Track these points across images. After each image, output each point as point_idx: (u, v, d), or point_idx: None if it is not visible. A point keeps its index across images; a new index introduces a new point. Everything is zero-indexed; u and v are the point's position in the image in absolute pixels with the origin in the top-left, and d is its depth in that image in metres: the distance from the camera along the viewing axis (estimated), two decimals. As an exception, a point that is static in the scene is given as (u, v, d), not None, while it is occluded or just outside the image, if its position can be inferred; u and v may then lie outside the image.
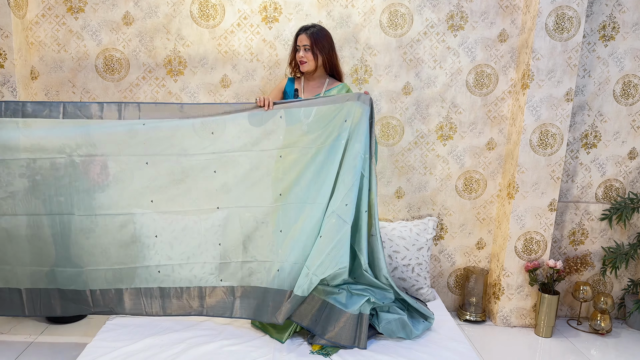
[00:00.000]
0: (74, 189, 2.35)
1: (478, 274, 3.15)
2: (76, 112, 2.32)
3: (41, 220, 2.37)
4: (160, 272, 2.46)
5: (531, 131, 2.95)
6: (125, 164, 2.37)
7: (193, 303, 2.47)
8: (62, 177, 2.34)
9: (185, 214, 2.43)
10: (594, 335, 3.11)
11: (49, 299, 2.44)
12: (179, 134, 2.38)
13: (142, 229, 2.42)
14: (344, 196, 2.37)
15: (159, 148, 2.37)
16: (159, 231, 2.43)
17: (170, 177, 2.40)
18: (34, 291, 2.43)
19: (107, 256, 2.42)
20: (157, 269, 2.45)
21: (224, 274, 2.48)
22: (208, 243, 2.46)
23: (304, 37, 2.55)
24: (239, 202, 2.44)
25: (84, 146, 2.33)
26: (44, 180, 2.34)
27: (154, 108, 2.39)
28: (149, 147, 2.36)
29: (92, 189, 2.37)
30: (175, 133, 2.37)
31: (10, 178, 2.32)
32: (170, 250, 2.45)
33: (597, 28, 3.03)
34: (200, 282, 2.48)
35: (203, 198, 2.43)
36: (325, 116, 2.41)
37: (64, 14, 2.86)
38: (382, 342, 2.41)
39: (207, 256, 2.47)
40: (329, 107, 2.41)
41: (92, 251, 2.40)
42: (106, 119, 2.33)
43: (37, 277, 2.42)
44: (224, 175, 2.42)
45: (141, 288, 2.46)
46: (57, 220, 2.37)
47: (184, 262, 2.46)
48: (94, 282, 2.43)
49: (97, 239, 2.40)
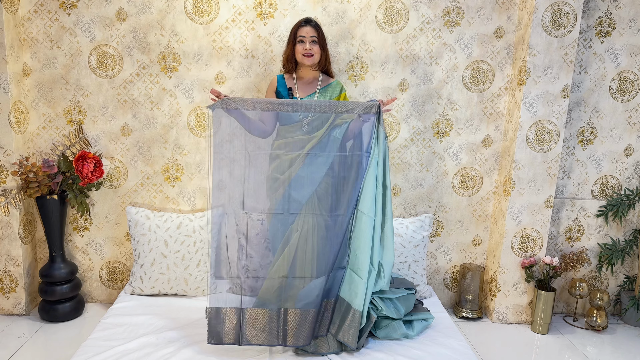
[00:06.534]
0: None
1: (474, 271, 3.15)
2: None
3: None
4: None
5: (527, 127, 2.94)
6: None
7: None
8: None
9: None
10: (590, 331, 3.12)
11: None
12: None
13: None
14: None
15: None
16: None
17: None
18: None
19: None
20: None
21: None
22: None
23: (310, 29, 2.51)
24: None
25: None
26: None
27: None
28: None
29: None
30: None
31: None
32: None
33: (593, 24, 3.02)
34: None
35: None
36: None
37: (57, 10, 2.82)
38: (379, 340, 2.40)
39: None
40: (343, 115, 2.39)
41: None
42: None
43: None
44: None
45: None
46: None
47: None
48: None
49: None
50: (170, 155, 3.02)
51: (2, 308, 2.97)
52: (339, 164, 2.40)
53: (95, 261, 3.12)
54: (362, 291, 2.28)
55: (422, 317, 2.53)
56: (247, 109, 2.32)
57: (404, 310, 2.48)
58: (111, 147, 2.99)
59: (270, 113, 2.49)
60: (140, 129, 2.98)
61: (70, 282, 2.93)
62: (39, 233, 3.05)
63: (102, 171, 2.84)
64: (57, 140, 2.96)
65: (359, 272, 2.31)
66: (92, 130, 2.97)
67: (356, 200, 2.35)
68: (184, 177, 3.04)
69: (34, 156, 2.96)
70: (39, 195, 2.78)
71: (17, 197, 2.79)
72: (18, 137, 2.84)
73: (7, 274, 2.92)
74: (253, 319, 2.25)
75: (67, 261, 2.98)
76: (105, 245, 3.10)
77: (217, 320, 2.23)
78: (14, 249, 2.89)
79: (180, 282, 2.81)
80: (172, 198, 3.06)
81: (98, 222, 3.07)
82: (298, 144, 2.39)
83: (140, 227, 2.84)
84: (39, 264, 3.09)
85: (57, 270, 2.88)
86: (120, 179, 3.03)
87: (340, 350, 2.26)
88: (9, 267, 2.91)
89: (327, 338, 2.27)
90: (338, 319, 2.29)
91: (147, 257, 2.81)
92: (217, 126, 2.31)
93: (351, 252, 2.35)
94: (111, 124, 2.97)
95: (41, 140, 2.96)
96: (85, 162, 2.76)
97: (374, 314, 2.36)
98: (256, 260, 2.53)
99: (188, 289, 2.82)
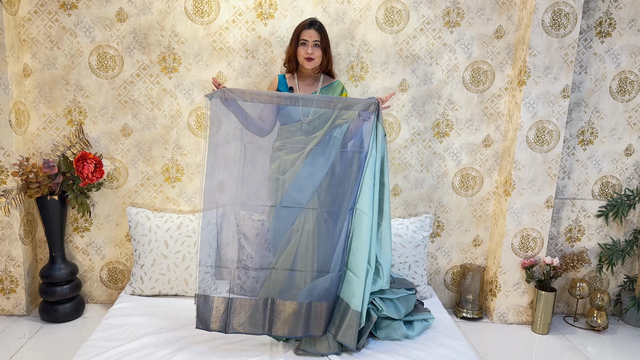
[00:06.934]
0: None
1: (475, 271, 3.15)
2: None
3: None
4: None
5: (528, 128, 2.94)
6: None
7: None
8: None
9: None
10: (591, 331, 3.12)
11: None
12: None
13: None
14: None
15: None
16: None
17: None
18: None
19: None
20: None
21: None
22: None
23: (314, 32, 2.50)
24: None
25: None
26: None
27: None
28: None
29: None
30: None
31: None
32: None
33: (593, 24, 3.02)
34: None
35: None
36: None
37: (57, 11, 2.83)
38: (379, 340, 2.40)
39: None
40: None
41: None
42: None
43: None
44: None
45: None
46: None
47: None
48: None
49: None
50: (170, 155, 3.02)
51: (3, 309, 2.97)
52: (340, 163, 2.40)
53: (95, 262, 3.12)
54: (360, 291, 2.28)
55: (422, 317, 2.53)
56: (245, 100, 2.30)
57: (405, 310, 2.48)
58: (111, 148, 2.99)
59: (270, 111, 2.48)
60: (140, 129, 2.98)
61: (70, 282, 2.93)
62: (40, 234, 3.05)
63: (103, 172, 2.84)
64: (57, 140, 2.96)
65: (356, 271, 2.30)
66: (92, 131, 2.97)
67: (355, 198, 2.35)
68: (184, 177, 3.04)
69: (34, 157, 2.96)
70: (39, 196, 2.78)
71: (17, 197, 2.79)
72: (18, 138, 2.84)
73: (7, 275, 2.92)
74: (240, 308, 2.26)
75: (68, 262, 2.98)
76: (105, 246, 3.10)
77: (204, 307, 2.25)
78: (15, 249, 2.89)
79: (181, 282, 2.81)
80: (172, 198, 3.06)
81: (98, 222, 3.07)
82: (299, 144, 2.39)
83: (140, 227, 2.84)
84: (40, 264, 3.09)
85: (57, 271, 2.88)
86: (121, 180, 3.03)
87: (340, 350, 2.26)
88: (9, 267, 2.91)
89: (327, 338, 2.27)
90: (337, 319, 2.29)
91: (147, 257, 2.81)
92: (217, 126, 2.31)
93: (350, 251, 2.35)
94: (111, 124, 2.97)
95: (41, 140, 2.96)
96: (85, 162, 2.76)
97: (374, 315, 2.36)
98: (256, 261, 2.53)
99: (188, 289, 2.82)
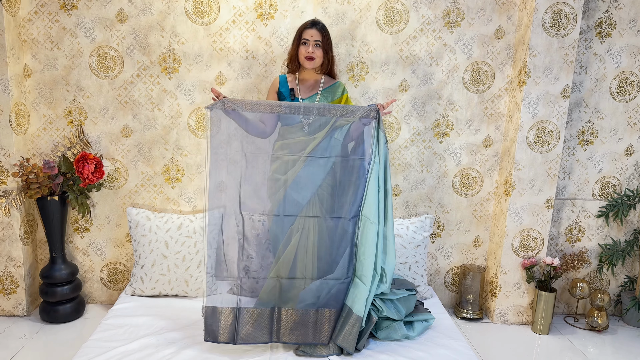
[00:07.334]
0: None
1: (475, 272, 3.15)
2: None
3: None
4: None
5: (528, 128, 2.94)
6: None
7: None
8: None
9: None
10: (591, 332, 3.12)
11: None
12: None
13: None
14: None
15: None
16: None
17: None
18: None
19: None
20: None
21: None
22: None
23: (315, 32, 2.50)
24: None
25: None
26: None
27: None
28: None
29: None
30: None
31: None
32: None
33: (593, 24, 3.02)
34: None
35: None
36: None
37: (57, 11, 2.83)
38: (380, 341, 2.40)
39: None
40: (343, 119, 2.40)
41: None
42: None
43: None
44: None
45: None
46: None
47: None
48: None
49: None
50: (170, 156, 3.02)
51: (3, 309, 2.97)
52: (340, 167, 2.40)
53: (95, 262, 3.12)
54: (364, 297, 2.29)
55: (422, 318, 2.53)
56: (245, 110, 2.32)
57: (405, 311, 2.48)
58: (112, 148, 3.00)
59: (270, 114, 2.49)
60: (140, 130, 2.98)
61: (70, 283, 2.93)
62: (40, 234, 3.05)
63: (103, 172, 2.84)
64: (57, 141, 2.96)
65: (363, 278, 2.32)
66: (92, 132, 2.97)
67: (359, 205, 2.35)
68: (184, 178, 3.04)
69: (34, 157, 2.96)
70: (39, 197, 2.78)
71: (17, 198, 2.80)
72: (19, 139, 2.84)
73: (7, 275, 2.92)
74: (248, 319, 2.26)
75: (68, 262, 2.98)
76: (105, 246, 3.10)
77: (212, 319, 2.25)
78: (15, 250, 2.89)
79: (181, 283, 2.81)
80: (172, 199, 3.06)
81: (99, 223, 3.07)
82: (299, 145, 2.39)
83: (140, 228, 2.84)
84: (40, 265, 3.09)
85: (57, 272, 2.88)
86: (121, 180, 3.03)
87: (340, 352, 2.27)
88: (9, 268, 2.91)
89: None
90: (339, 324, 2.30)
91: (147, 258, 2.81)
92: (217, 127, 2.31)
93: (357, 258, 2.36)
94: (112, 125, 2.97)
95: (42, 141, 2.96)
96: (85, 163, 2.76)
97: (374, 315, 2.36)
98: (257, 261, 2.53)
99: (189, 289, 2.82)
